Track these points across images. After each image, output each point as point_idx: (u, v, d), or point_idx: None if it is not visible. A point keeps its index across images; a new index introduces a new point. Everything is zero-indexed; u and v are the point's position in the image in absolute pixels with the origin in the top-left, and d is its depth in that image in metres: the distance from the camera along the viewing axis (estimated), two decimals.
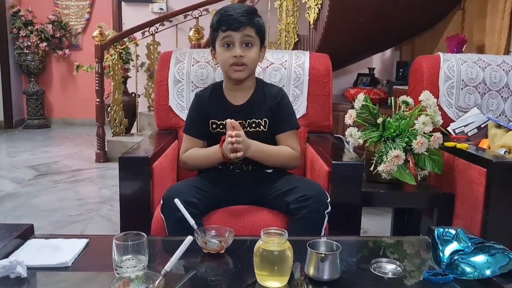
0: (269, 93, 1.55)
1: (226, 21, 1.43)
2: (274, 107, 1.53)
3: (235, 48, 1.45)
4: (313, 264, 0.99)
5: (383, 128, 1.64)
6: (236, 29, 1.43)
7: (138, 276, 0.92)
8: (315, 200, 1.35)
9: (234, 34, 1.44)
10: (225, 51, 1.46)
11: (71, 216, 2.74)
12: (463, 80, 2.01)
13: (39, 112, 6.08)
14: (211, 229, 1.21)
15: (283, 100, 1.56)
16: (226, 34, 1.44)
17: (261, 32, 1.50)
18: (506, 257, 1.01)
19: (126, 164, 1.46)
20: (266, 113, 1.53)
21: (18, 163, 4.09)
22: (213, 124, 1.54)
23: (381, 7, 2.92)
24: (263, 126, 1.53)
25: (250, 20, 1.45)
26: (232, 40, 1.44)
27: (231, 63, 1.46)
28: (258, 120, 1.52)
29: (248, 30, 1.44)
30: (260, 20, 1.49)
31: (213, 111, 1.54)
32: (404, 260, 1.12)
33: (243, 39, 1.44)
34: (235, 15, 1.42)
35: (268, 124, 1.53)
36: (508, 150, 1.70)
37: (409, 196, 1.72)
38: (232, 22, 1.42)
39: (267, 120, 1.53)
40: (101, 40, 3.97)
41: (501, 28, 2.57)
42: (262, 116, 1.52)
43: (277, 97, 1.55)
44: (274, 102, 1.54)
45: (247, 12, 1.45)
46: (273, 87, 1.61)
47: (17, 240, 1.13)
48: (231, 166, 1.53)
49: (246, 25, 1.43)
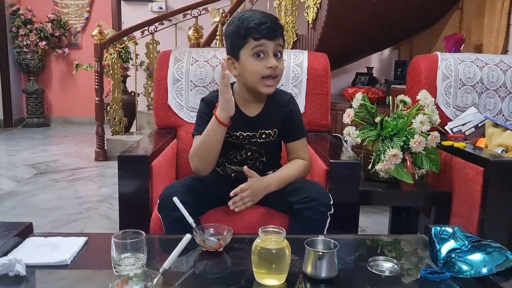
0: (280, 102, 1.51)
1: (259, 29, 1.33)
2: (285, 115, 1.50)
3: (269, 58, 1.35)
4: (310, 262, 0.99)
5: (381, 127, 1.64)
6: (271, 38, 1.34)
7: (137, 274, 0.92)
8: (319, 202, 1.35)
9: (269, 43, 1.34)
10: (257, 61, 1.35)
11: (70, 214, 2.75)
12: (461, 79, 2.02)
13: (39, 111, 6.08)
14: (210, 227, 1.21)
15: (295, 108, 1.53)
16: (259, 42, 1.33)
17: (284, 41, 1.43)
18: (502, 256, 1.02)
19: (125, 162, 1.46)
20: (276, 123, 1.49)
21: (17, 162, 4.09)
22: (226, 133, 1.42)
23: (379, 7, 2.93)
24: (272, 136, 1.50)
25: (281, 28, 1.38)
26: (266, 49, 1.34)
27: (265, 74, 1.36)
28: (269, 131, 1.49)
29: (280, 40, 1.37)
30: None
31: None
32: (401, 258, 1.12)
33: (276, 48, 1.36)
34: (270, 23, 1.33)
35: (277, 134, 1.51)
36: (505, 149, 1.71)
37: (407, 194, 1.72)
38: (268, 31, 1.33)
39: (277, 131, 1.50)
40: (100, 39, 3.97)
41: (499, 27, 2.57)
42: (272, 127, 1.50)
43: (289, 105, 1.51)
44: (286, 110, 1.50)
45: (277, 20, 1.38)
46: (283, 94, 1.55)
47: (16, 238, 1.14)
48: (232, 174, 1.52)
49: (279, 34, 1.36)
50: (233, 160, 1.51)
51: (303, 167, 1.50)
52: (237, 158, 1.51)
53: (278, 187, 1.44)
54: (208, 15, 4.27)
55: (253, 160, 1.51)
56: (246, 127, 1.47)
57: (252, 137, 1.48)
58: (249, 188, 1.38)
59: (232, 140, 1.48)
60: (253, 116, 1.48)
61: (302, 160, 1.51)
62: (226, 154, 1.50)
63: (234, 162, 1.52)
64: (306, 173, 1.53)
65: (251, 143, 1.49)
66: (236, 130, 1.46)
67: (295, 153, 1.52)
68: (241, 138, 1.48)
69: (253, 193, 1.39)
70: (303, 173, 1.51)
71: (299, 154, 1.52)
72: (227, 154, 1.50)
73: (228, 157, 1.51)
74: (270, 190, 1.42)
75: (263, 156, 1.51)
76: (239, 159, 1.51)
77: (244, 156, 1.50)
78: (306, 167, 1.51)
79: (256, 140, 1.49)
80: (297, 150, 1.52)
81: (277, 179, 1.44)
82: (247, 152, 1.50)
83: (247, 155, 1.50)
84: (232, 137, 1.47)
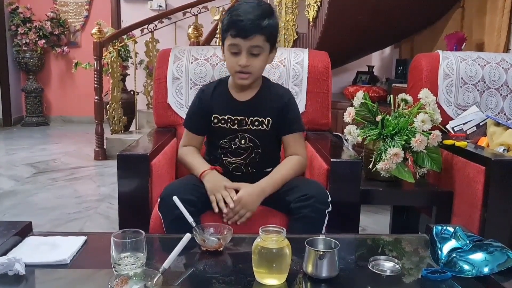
0: (276, 93, 1.52)
1: (235, 26, 1.36)
2: (282, 108, 1.50)
3: (241, 56, 1.38)
4: (311, 262, 0.99)
5: (382, 126, 1.64)
6: (244, 37, 1.36)
7: (136, 273, 0.92)
8: (316, 199, 1.35)
9: (242, 43, 1.36)
10: (232, 57, 1.41)
11: (69, 213, 2.74)
12: (462, 78, 2.01)
13: (38, 110, 6.07)
14: (210, 226, 1.20)
15: (292, 101, 1.54)
16: (234, 41, 1.37)
17: (272, 36, 1.42)
18: (504, 255, 1.01)
19: (125, 161, 1.46)
20: (270, 112, 1.49)
21: (16, 161, 4.08)
22: (215, 118, 1.51)
23: (380, 5, 2.92)
24: (265, 125, 1.49)
25: (260, 27, 1.36)
26: (240, 48, 1.38)
27: (237, 70, 1.41)
28: (262, 119, 1.49)
29: (256, 40, 1.37)
30: (273, 22, 1.40)
31: (216, 105, 1.51)
32: (402, 258, 1.12)
33: (250, 49, 1.38)
34: (245, 21, 1.34)
35: (271, 124, 1.50)
36: (507, 148, 1.71)
37: (408, 194, 1.72)
38: (241, 30, 1.35)
39: (271, 120, 1.49)
40: (99, 38, 3.96)
41: (501, 26, 2.57)
42: (266, 115, 1.49)
43: (285, 98, 1.52)
44: (283, 103, 1.50)
45: (259, 17, 1.36)
46: (280, 87, 1.58)
47: (15, 237, 1.13)
48: (230, 168, 1.52)
49: (255, 34, 1.35)
50: (228, 150, 1.51)
51: (298, 164, 1.49)
52: (231, 147, 1.50)
53: (273, 189, 1.42)
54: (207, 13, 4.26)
55: (248, 150, 1.50)
56: (235, 111, 1.48)
57: (243, 123, 1.48)
58: (239, 202, 1.37)
59: (222, 125, 1.49)
60: (243, 101, 1.50)
61: (297, 156, 1.50)
62: (219, 143, 1.50)
63: (229, 153, 1.51)
64: (302, 169, 1.53)
65: (242, 130, 1.49)
66: (224, 113, 1.48)
67: (290, 148, 1.52)
68: (229, 122, 1.48)
69: (246, 205, 1.38)
70: (299, 170, 1.50)
71: (294, 149, 1.51)
72: (219, 143, 1.50)
73: (222, 146, 1.51)
74: (266, 195, 1.41)
75: (258, 147, 1.50)
76: (233, 147, 1.50)
77: (238, 145, 1.50)
78: (302, 164, 1.51)
79: (248, 127, 1.49)
80: (292, 144, 1.51)
81: (271, 181, 1.43)
82: (241, 140, 1.49)
83: (240, 143, 1.49)
84: (221, 122, 1.49)
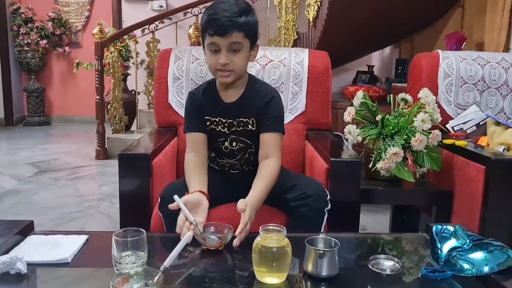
0: (258, 92, 1.48)
1: (212, 25, 1.34)
2: (264, 106, 1.46)
3: (221, 54, 1.36)
4: (311, 261, 0.99)
5: (382, 126, 1.64)
6: (222, 35, 1.33)
7: (137, 272, 0.92)
8: (315, 198, 1.35)
9: (220, 41, 1.34)
10: (212, 56, 1.38)
11: (71, 213, 2.75)
12: (462, 77, 2.01)
13: (39, 110, 6.08)
14: (210, 225, 1.21)
15: (273, 101, 1.47)
16: (212, 39, 1.35)
17: (252, 33, 1.39)
18: (504, 254, 1.01)
19: (126, 161, 1.46)
20: (254, 113, 1.47)
21: (18, 160, 4.09)
22: (207, 121, 1.50)
23: (380, 4, 2.92)
24: (251, 125, 1.48)
25: (237, 24, 1.33)
26: (218, 46, 1.36)
27: (217, 68, 1.39)
28: (246, 120, 1.47)
29: (235, 36, 1.34)
30: (251, 20, 1.37)
31: (207, 108, 1.50)
32: (402, 257, 1.12)
33: (229, 45, 1.35)
34: (222, 19, 1.32)
35: (256, 124, 1.48)
36: (507, 147, 1.71)
37: (408, 193, 1.72)
38: (218, 28, 1.33)
39: (254, 120, 1.47)
40: (101, 38, 3.97)
41: (501, 25, 2.57)
42: (250, 116, 1.47)
43: (268, 97, 1.47)
44: (264, 102, 1.46)
45: (236, 15, 1.33)
46: (265, 86, 1.53)
47: (17, 236, 1.14)
48: (226, 167, 1.52)
49: (233, 30, 1.33)
50: (223, 152, 1.51)
51: (272, 173, 1.41)
52: (225, 148, 1.50)
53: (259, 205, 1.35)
54: None
55: (242, 151, 1.50)
56: (224, 113, 1.47)
57: (231, 126, 1.48)
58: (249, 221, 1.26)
59: (214, 127, 1.49)
60: (230, 102, 1.49)
61: (269, 163, 1.42)
62: (213, 145, 1.51)
63: (224, 155, 1.51)
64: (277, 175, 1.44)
65: (232, 132, 1.49)
66: (216, 115, 1.48)
67: (265, 148, 1.45)
68: (220, 125, 1.49)
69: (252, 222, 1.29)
70: (275, 178, 1.42)
71: (269, 150, 1.44)
72: (214, 145, 1.51)
73: (216, 148, 1.51)
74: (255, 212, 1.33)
75: (250, 146, 1.49)
76: (228, 148, 1.50)
77: (230, 147, 1.50)
78: (276, 169, 1.43)
79: (235, 129, 1.48)
80: (267, 144, 1.45)
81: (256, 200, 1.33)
82: (231, 143, 1.49)
83: (232, 146, 1.49)
84: (213, 124, 1.49)
